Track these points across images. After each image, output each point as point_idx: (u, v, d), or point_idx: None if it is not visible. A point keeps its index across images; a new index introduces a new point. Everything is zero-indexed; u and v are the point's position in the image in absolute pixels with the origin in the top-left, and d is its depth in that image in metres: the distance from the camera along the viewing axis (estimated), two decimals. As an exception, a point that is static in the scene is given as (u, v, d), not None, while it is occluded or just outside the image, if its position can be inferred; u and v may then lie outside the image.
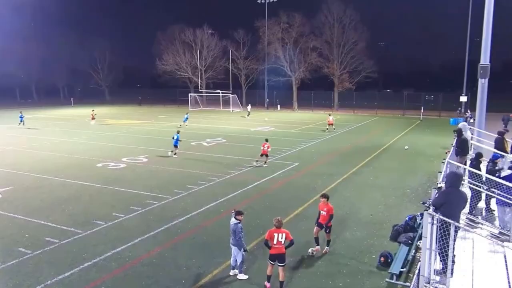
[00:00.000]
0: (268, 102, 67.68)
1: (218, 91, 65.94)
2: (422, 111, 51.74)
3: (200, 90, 70.54)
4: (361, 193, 17.46)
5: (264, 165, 22.23)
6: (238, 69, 71.62)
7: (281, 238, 9.41)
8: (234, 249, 10.09)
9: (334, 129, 37.85)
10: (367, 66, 62.50)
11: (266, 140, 22.93)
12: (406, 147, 28.53)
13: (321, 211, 11.36)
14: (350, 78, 64.00)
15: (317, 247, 11.41)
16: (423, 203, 12.80)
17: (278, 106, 65.98)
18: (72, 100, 77.68)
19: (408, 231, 11.54)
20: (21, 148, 28.25)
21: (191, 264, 10.86)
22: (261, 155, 22.40)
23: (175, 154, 24.96)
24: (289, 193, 17.36)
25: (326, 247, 11.49)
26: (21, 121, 39.92)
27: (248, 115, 52.88)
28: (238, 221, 9.98)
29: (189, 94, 69.86)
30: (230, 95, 63.95)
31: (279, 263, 9.48)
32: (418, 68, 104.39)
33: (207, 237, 12.70)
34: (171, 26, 76.93)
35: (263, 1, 65.52)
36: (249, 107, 55.57)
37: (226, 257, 10.89)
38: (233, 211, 10.29)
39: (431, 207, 7.85)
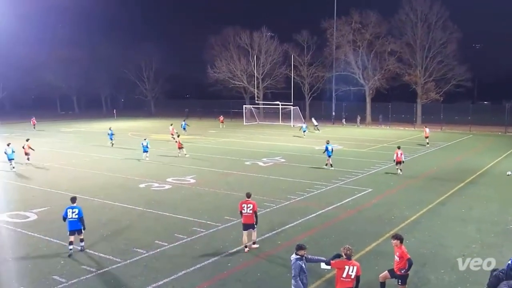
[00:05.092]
0: (340, 115, 66.77)
1: (278, 102, 66.39)
2: (529, 127, 48.90)
3: (256, 102, 71.37)
4: (450, 228, 16.67)
5: (400, 173, 26.19)
6: (301, 77, 71.82)
7: (352, 272, 9.41)
8: None
9: (427, 144, 39.51)
10: (458, 73, 60.21)
11: (398, 148, 26.93)
12: (509, 172, 26.94)
13: (395, 255, 10.79)
14: (437, 87, 61.93)
15: None
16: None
17: (344, 120, 64.96)
18: (115, 112, 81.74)
19: (511, 278, 10.81)
20: (60, 164, 30.09)
21: (242, 305, 10.86)
22: (396, 163, 26.37)
23: (330, 166, 28.01)
24: (360, 225, 16.97)
25: None
26: (110, 138, 40.12)
27: (300, 130, 51.03)
28: (299, 257, 9.83)
29: (244, 106, 70.91)
30: (291, 107, 64.00)
31: None
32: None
33: (261, 274, 12.66)
34: (225, 29, 79.00)
35: (331, -2, 65.67)
36: (303, 124, 52.30)
37: (283, 299, 10.79)
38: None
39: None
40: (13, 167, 28.00)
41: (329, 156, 28.18)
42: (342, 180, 24.62)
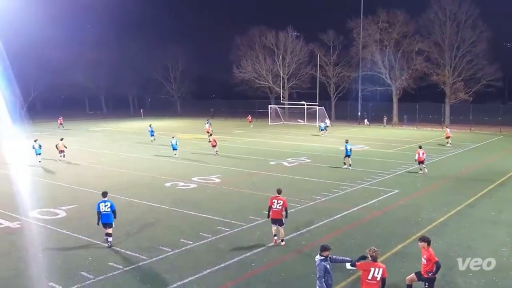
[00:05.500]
0: (362, 116, 66.10)
1: (303, 102, 66.10)
2: None
3: (282, 102, 71.26)
4: (479, 231, 16.31)
5: (426, 171, 26.44)
6: (326, 77, 71.36)
7: (377, 274, 9.29)
8: None
9: (448, 143, 38.95)
10: (488, 73, 58.83)
11: (420, 147, 27.07)
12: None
13: (422, 258, 10.63)
14: (466, 87, 60.63)
15: None
16: None
17: (366, 120, 64.13)
18: (142, 112, 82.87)
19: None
20: (88, 163, 30.69)
21: (266, 304, 10.86)
22: (419, 163, 26.56)
23: (347, 165, 28.35)
24: (386, 227, 16.77)
25: None
26: (152, 135, 41.93)
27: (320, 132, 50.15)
28: (324, 258, 9.78)
29: (269, 106, 70.90)
30: (317, 107, 63.65)
31: None
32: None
33: (286, 274, 12.63)
34: (250, 29, 79.10)
35: (357, -3, 65.01)
36: (321, 123, 52.18)
37: (307, 299, 10.75)
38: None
39: None
40: (40, 161, 29.97)
41: (348, 156, 28.30)
42: (368, 181, 24.37)
